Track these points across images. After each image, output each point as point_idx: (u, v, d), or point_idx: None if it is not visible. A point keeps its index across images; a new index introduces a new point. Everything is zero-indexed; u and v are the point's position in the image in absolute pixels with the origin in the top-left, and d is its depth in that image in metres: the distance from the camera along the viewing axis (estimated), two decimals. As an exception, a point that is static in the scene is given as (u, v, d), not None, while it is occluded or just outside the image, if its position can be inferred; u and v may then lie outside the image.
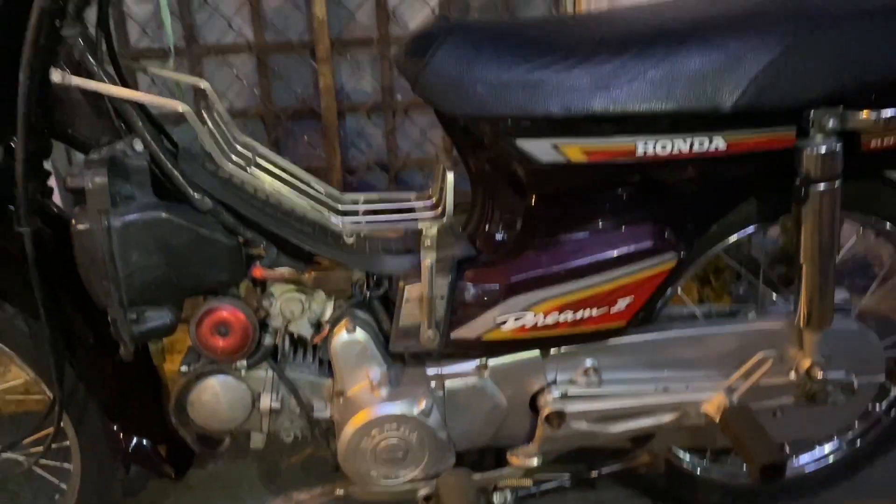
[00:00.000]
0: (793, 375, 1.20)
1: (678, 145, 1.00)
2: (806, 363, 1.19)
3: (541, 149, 1.00)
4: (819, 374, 1.18)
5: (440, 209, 1.09)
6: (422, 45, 1.00)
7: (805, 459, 1.42)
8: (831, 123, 1.01)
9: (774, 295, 1.30)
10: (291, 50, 1.87)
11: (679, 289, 1.23)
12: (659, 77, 0.96)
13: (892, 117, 1.00)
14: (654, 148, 1.00)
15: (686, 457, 1.38)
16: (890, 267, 1.35)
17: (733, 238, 1.19)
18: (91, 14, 1.01)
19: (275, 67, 1.89)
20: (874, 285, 1.34)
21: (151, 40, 1.82)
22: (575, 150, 1.00)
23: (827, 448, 1.42)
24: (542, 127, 0.99)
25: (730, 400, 1.15)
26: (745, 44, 0.96)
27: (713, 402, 1.15)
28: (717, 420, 1.13)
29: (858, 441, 1.41)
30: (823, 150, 1.03)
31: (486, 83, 0.97)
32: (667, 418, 1.17)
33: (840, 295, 1.33)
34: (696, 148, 1.01)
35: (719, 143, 1.01)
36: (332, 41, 1.86)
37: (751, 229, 1.19)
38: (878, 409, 1.40)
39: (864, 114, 1.01)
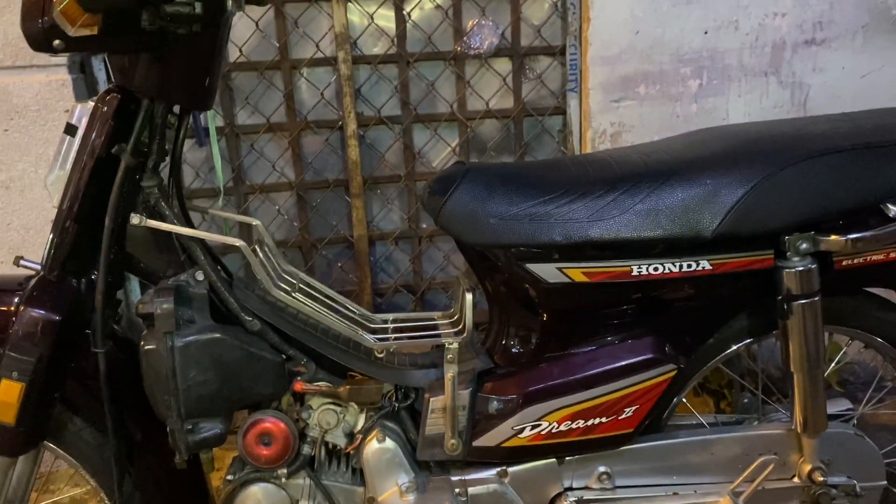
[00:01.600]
0: (797, 480, 1.28)
1: (668, 267, 1.14)
2: (807, 467, 1.26)
3: (547, 271, 1.15)
4: (820, 478, 1.25)
5: (461, 326, 1.23)
6: (442, 186, 1.16)
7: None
8: (804, 246, 1.15)
9: (776, 403, 1.39)
10: (328, 187, 2.08)
11: (683, 398, 1.33)
12: (646, 209, 1.11)
13: (857, 239, 1.13)
14: (648, 269, 1.14)
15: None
16: (882, 377, 1.44)
17: (731, 350, 1.30)
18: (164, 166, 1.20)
19: (313, 203, 2.09)
20: (868, 394, 1.42)
21: (203, 182, 2.03)
22: (577, 272, 1.14)
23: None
24: (548, 253, 1.14)
25: (735, 502, 1.22)
26: (719, 180, 1.10)
27: (720, 506, 1.23)
28: (725, 522, 1.21)
29: (872, 549, 1.45)
30: (800, 269, 1.15)
31: (497, 216, 1.13)
32: (677, 521, 1.24)
33: (843, 404, 1.41)
34: (684, 269, 1.14)
35: (705, 264, 1.15)
36: (365, 178, 2.06)
37: (747, 341, 1.30)
38: (888, 516, 1.45)
39: (833, 237, 1.14)
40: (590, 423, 1.19)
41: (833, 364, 1.40)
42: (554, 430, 1.19)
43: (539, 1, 2.04)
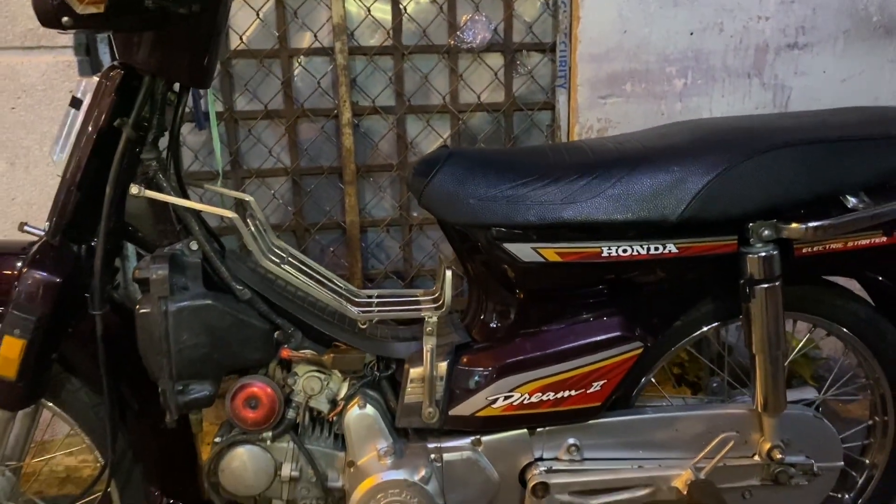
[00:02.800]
0: (757, 458, 1.34)
1: (636, 249, 1.21)
2: (767, 446, 1.33)
3: (523, 251, 1.21)
4: (779, 456, 1.32)
5: (440, 302, 1.29)
6: (426, 167, 1.23)
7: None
8: (766, 233, 1.21)
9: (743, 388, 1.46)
10: (322, 174, 2.14)
11: (653, 378, 1.39)
12: (617, 194, 1.17)
13: (817, 228, 1.20)
14: (617, 251, 1.21)
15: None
16: (841, 364, 1.50)
17: (699, 332, 1.36)
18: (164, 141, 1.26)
19: (307, 188, 2.16)
20: (828, 382, 1.49)
21: (201, 165, 2.09)
22: (550, 252, 1.21)
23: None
24: (523, 233, 1.20)
25: (696, 476, 1.29)
26: (686, 168, 1.17)
27: (682, 478, 1.29)
28: (685, 493, 1.27)
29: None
30: (763, 254, 1.22)
31: (477, 198, 1.19)
32: (641, 493, 1.30)
33: (809, 392, 1.48)
34: (652, 251, 1.21)
35: (672, 247, 1.21)
36: (358, 166, 2.12)
37: (714, 325, 1.36)
38: (846, 497, 1.52)
39: (794, 225, 1.20)
40: (559, 395, 1.26)
41: (796, 351, 1.46)
42: (525, 402, 1.26)
43: (531, -1, 2.11)
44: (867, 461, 1.51)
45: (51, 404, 1.29)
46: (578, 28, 2.00)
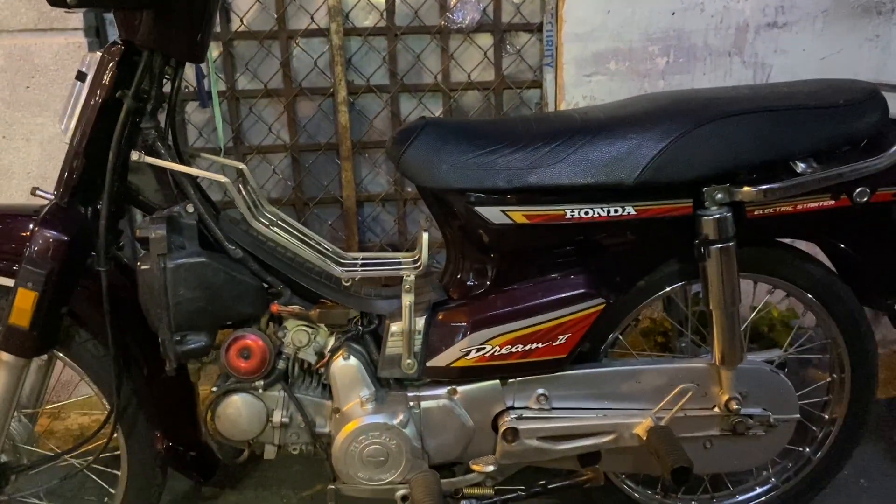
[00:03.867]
0: (717, 410, 1.44)
1: (597, 211, 1.30)
2: (724, 397, 1.42)
3: (493, 214, 1.31)
4: (735, 407, 1.41)
5: (419, 263, 1.39)
6: (403, 136, 1.33)
7: (744, 498, 1.63)
8: (720, 196, 1.30)
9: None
10: (320, 150, 2.25)
11: (619, 335, 1.49)
12: (578, 159, 1.27)
13: (767, 191, 1.29)
14: (579, 213, 1.30)
15: (638, 488, 1.60)
16: (800, 324, 1.59)
17: (663, 291, 1.45)
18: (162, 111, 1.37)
19: (305, 164, 2.26)
20: (787, 341, 1.58)
21: (205, 141, 2.20)
22: (518, 214, 1.30)
23: (763, 488, 1.63)
24: (493, 197, 1.30)
25: (656, 423, 1.38)
26: (642, 135, 1.26)
27: (642, 426, 1.39)
28: (644, 438, 1.37)
29: (791, 480, 1.62)
30: (717, 216, 1.31)
31: (449, 163, 1.29)
32: (605, 439, 1.40)
33: (774, 352, 1.57)
34: (611, 213, 1.30)
35: (630, 210, 1.30)
36: (354, 143, 2.22)
37: (678, 284, 1.45)
38: (806, 451, 1.61)
39: (746, 188, 1.29)
40: (527, 347, 1.36)
41: (755, 312, 1.54)
42: (496, 353, 1.36)
43: (519, -20, 2.19)
44: (826, 416, 1.60)
45: (62, 355, 1.40)
46: (564, 8, 2.08)
